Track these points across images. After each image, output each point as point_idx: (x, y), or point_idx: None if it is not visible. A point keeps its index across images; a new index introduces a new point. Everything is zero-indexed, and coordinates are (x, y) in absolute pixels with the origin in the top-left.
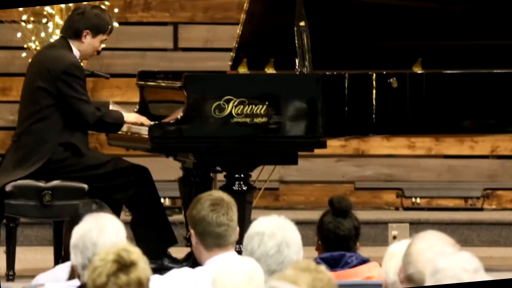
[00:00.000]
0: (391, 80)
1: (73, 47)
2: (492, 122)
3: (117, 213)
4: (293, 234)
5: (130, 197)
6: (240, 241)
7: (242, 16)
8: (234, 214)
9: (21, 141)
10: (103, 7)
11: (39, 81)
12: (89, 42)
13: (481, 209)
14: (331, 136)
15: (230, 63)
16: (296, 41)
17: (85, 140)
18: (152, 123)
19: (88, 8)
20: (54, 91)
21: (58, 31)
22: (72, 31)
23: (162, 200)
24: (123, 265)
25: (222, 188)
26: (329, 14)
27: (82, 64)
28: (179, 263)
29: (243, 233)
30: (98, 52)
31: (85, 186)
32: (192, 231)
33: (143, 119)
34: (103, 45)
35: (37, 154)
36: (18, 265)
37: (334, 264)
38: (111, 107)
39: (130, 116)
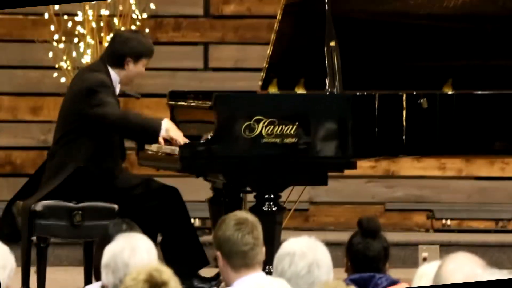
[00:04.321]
0: (421, 100)
1: (113, 72)
2: None
3: (153, 236)
4: (324, 255)
5: (160, 218)
6: (270, 262)
7: (272, 36)
8: (259, 233)
9: (53, 162)
10: (134, 27)
11: (69, 103)
12: (132, 68)
13: None
14: (361, 157)
15: (260, 83)
16: (326, 61)
17: (116, 164)
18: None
19: (129, 34)
20: (82, 112)
21: (89, 51)
22: (114, 59)
23: (192, 220)
24: (155, 285)
25: (252, 209)
26: (359, 34)
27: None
28: (208, 282)
29: (273, 253)
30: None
31: (116, 206)
32: (218, 253)
33: (180, 140)
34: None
35: (61, 173)
36: (49, 285)
37: (363, 285)
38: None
39: (168, 129)
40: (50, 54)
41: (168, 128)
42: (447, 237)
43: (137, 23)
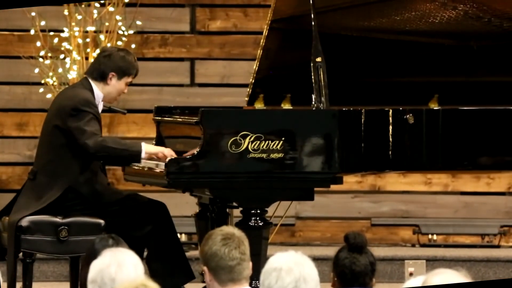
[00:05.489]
0: (408, 116)
1: (97, 88)
2: (509, 159)
3: (139, 251)
4: (311, 270)
5: (147, 233)
6: (257, 277)
7: (259, 52)
8: (246, 248)
9: (37, 180)
10: (119, 45)
11: (53, 120)
12: (114, 84)
13: (498, 246)
14: (348, 172)
15: (246, 98)
16: (312, 77)
17: (101, 178)
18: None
19: (115, 51)
20: (66, 129)
21: (75, 67)
22: (98, 73)
23: (178, 235)
24: None
25: (238, 224)
26: (345, 50)
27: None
28: None
29: (259, 269)
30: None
31: (102, 221)
32: (205, 268)
33: (165, 152)
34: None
35: (49, 193)
36: None
37: None
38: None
39: (147, 151)
40: (36, 70)
41: (147, 150)
42: (433, 252)
43: (123, 39)
